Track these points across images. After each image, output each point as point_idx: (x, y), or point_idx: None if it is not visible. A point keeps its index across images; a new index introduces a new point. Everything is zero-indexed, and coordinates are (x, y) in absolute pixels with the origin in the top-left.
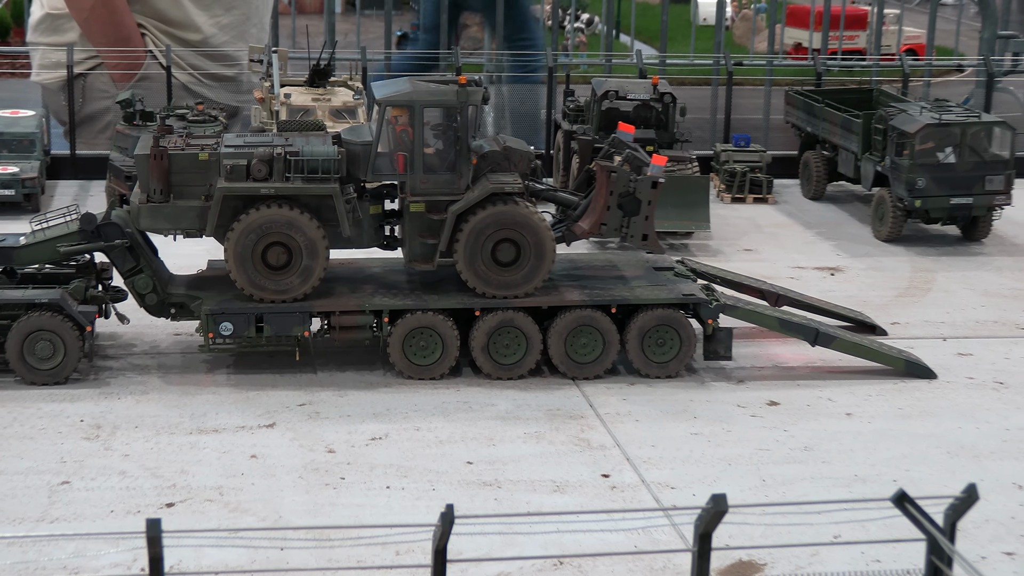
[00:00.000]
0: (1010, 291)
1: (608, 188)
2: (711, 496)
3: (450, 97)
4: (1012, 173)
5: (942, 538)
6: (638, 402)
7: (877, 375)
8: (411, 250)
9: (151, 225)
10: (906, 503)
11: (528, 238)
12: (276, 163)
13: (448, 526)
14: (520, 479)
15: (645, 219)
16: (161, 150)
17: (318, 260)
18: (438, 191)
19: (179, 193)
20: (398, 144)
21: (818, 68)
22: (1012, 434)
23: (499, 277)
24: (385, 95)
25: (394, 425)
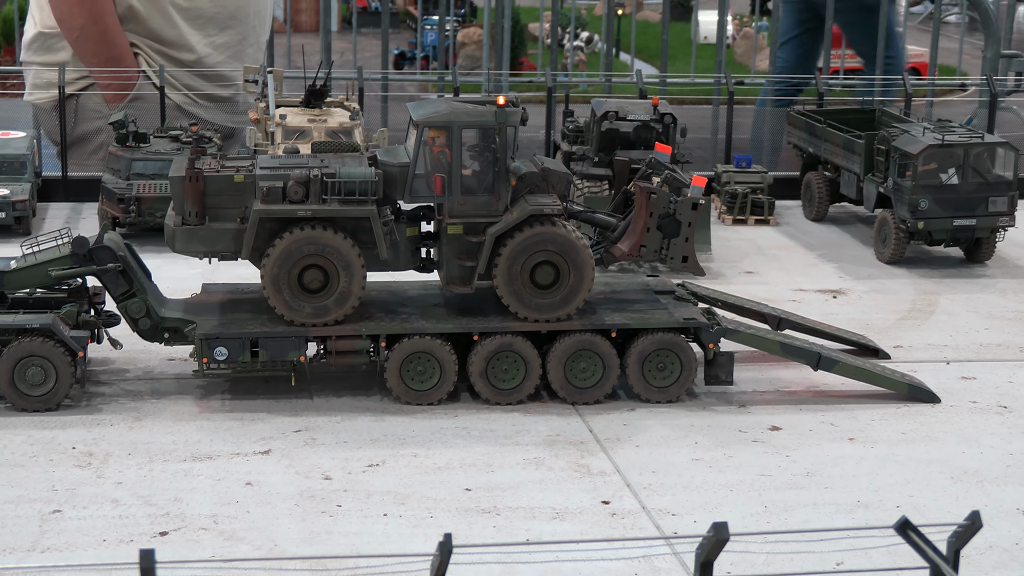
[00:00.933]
0: (1014, 314)
1: (648, 210)
2: (712, 524)
3: (488, 118)
4: (1015, 194)
5: (945, 566)
6: (639, 427)
7: (880, 399)
8: (448, 272)
9: (186, 248)
10: (909, 530)
11: (568, 260)
12: (313, 185)
13: (446, 555)
14: (519, 506)
15: (685, 241)
16: (196, 172)
17: (355, 282)
18: (476, 213)
19: (214, 216)
20: (435, 165)
21: (820, 88)
22: (1016, 459)
23: (538, 300)
24: (423, 116)
25: (391, 451)
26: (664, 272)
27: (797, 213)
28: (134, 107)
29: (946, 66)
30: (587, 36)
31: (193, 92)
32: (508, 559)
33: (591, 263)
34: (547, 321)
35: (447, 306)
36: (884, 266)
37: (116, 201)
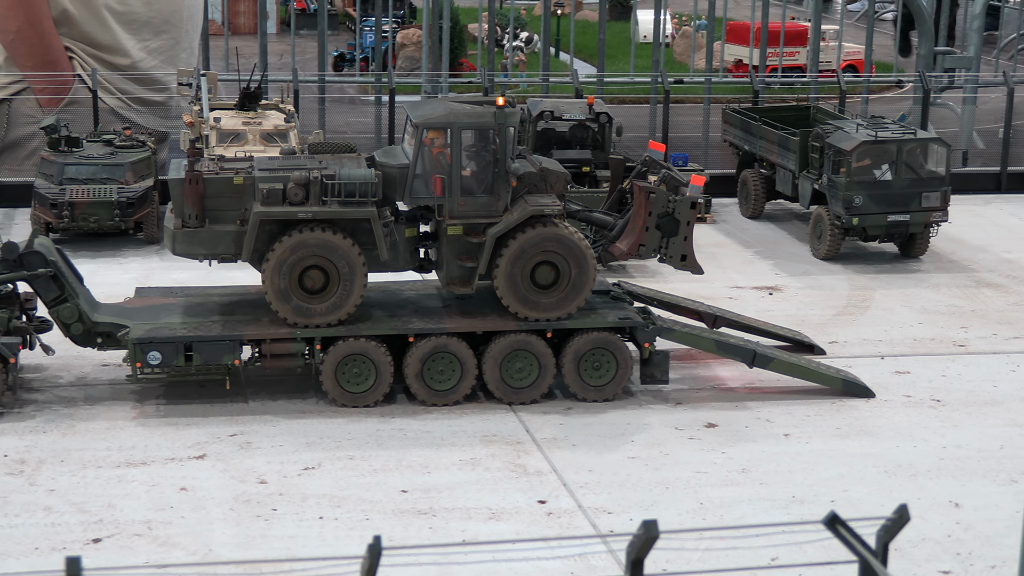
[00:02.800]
0: (947, 308)
1: (647, 208)
2: (642, 522)
3: (488, 119)
4: (948, 189)
5: (873, 560)
6: (575, 427)
7: (815, 395)
8: (448, 273)
9: (186, 251)
10: (838, 525)
11: (569, 260)
12: (313, 186)
13: (376, 558)
14: (455, 507)
15: (684, 239)
16: (196, 174)
17: (356, 283)
18: (476, 214)
19: (214, 218)
20: (435, 166)
21: (755, 86)
22: (949, 452)
23: (540, 299)
24: (422, 117)
25: (327, 454)
26: (602, 271)
27: (734, 211)
28: (69, 111)
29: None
30: (527, 36)
31: (127, 96)
32: (444, 560)
33: (593, 262)
34: (547, 320)
35: (383, 308)
36: (820, 262)
37: (49, 206)
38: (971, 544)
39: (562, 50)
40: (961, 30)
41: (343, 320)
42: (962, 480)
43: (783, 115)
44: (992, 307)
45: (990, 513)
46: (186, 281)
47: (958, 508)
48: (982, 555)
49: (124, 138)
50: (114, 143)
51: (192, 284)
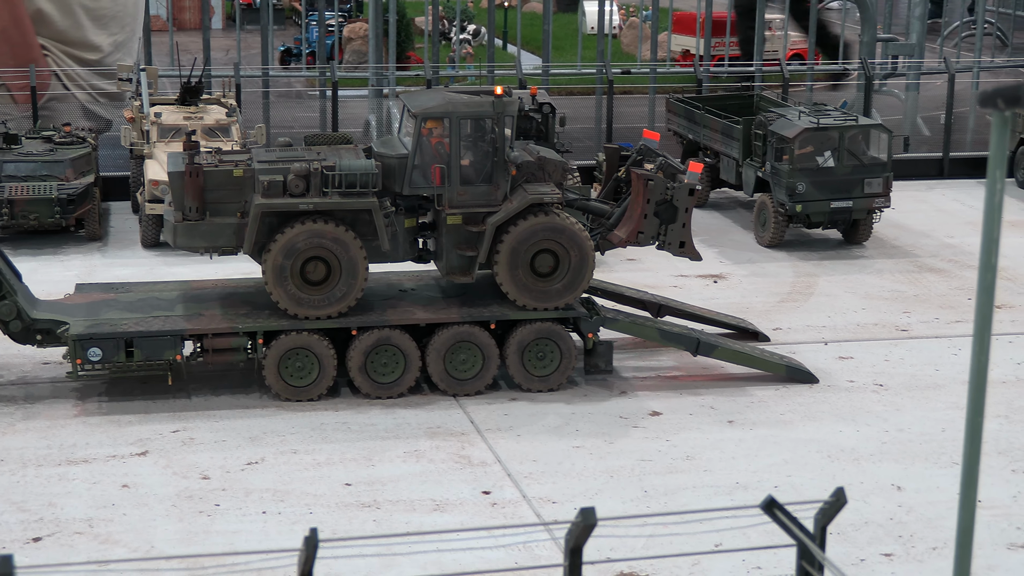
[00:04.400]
0: (890, 293)
1: (645, 196)
2: (580, 510)
3: (486, 108)
4: (890, 175)
5: (810, 543)
6: (519, 417)
7: (759, 381)
8: (448, 263)
9: (188, 244)
10: (775, 509)
11: (569, 248)
12: (313, 178)
13: (312, 550)
14: (399, 499)
15: (683, 226)
16: (196, 167)
17: (358, 274)
18: (475, 203)
19: (214, 211)
20: (433, 156)
21: (699, 75)
22: (891, 436)
23: (541, 287)
24: (421, 107)
25: (270, 449)
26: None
27: None
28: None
29: None
30: (474, 29)
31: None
32: (388, 551)
33: (592, 251)
34: (545, 309)
35: None
36: (764, 250)
37: None
38: (913, 526)
39: (510, 42)
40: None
41: (343, 313)
42: (904, 463)
43: (727, 104)
44: (934, 292)
45: (932, 496)
46: (128, 277)
47: (900, 491)
48: (924, 537)
49: (64, 135)
50: (54, 140)
51: (134, 280)
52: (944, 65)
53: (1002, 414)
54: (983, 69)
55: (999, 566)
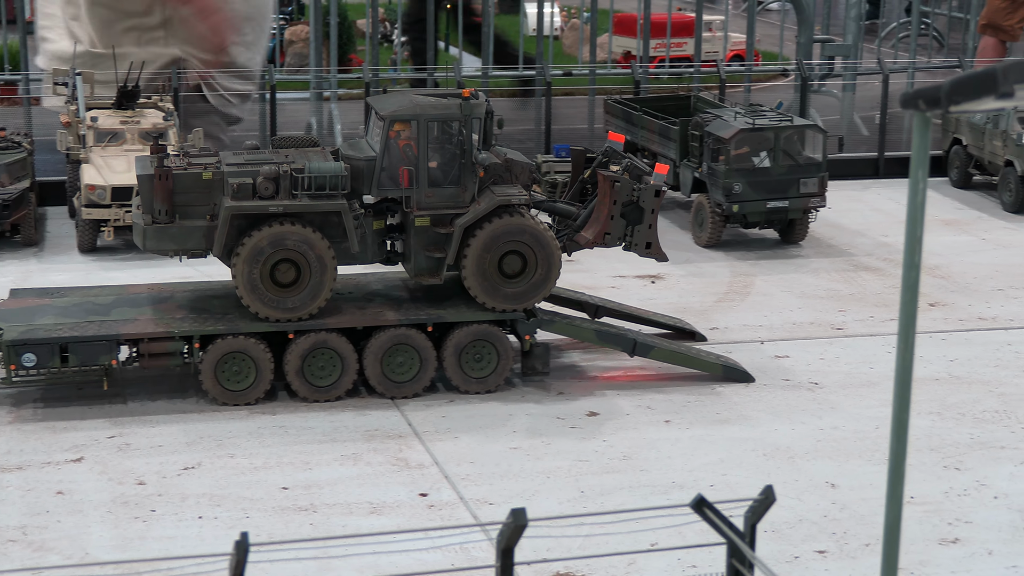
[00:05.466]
0: (826, 292)
1: (611, 197)
2: (511, 510)
3: (454, 110)
4: (825, 175)
5: (739, 541)
6: (457, 419)
7: (696, 381)
8: (417, 264)
9: (157, 247)
10: (705, 508)
11: (536, 250)
12: (282, 180)
13: (243, 554)
14: (336, 502)
15: (648, 227)
16: (165, 170)
17: (327, 276)
18: (443, 204)
19: (183, 213)
20: (401, 158)
21: (636, 76)
22: (826, 433)
23: (507, 289)
24: (389, 110)
25: (207, 453)
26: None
27: None
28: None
29: (769, 52)
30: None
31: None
32: (324, 555)
33: (559, 253)
34: (514, 311)
35: None
36: (701, 250)
37: None
38: (846, 523)
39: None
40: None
41: (313, 315)
42: (838, 461)
43: (664, 105)
44: (869, 290)
45: (865, 492)
46: (65, 282)
47: (834, 488)
48: (857, 534)
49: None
50: None
51: (70, 285)
52: (879, 66)
53: (935, 411)
54: (918, 69)
55: (931, 561)
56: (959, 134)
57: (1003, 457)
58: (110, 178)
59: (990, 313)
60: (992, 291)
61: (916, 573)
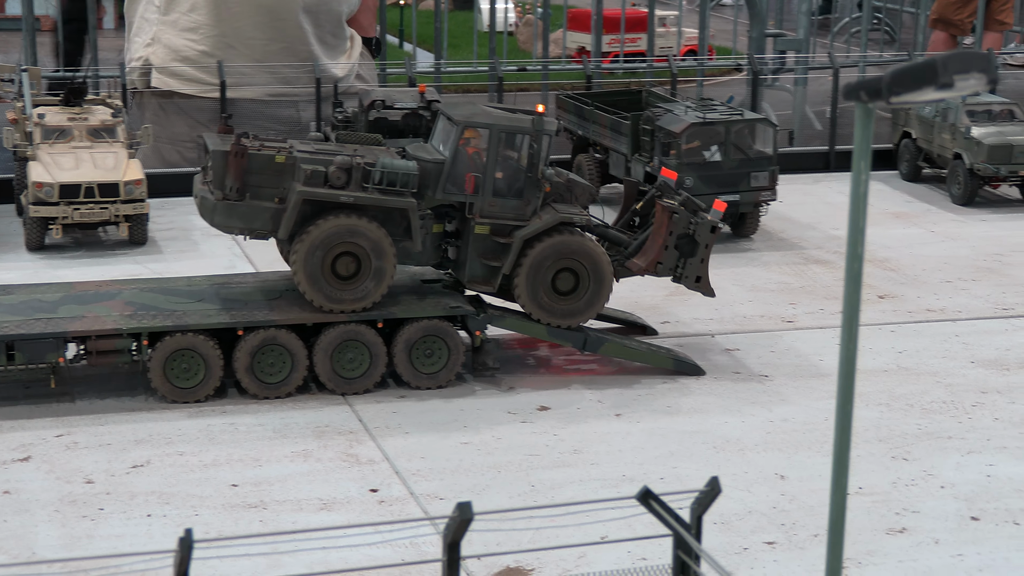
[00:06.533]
0: (776, 285)
1: (668, 228)
2: (456, 504)
3: (526, 125)
4: (776, 169)
5: (684, 532)
6: (408, 414)
7: (647, 375)
8: (471, 271)
9: (225, 223)
10: (651, 500)
11: (590, 269)
12: (355, 172)
13: (187, 550)
14: (286, 499)
15: (700, 262)
16: (242, 148)
17: (386, 273)
18: (505, 215)
19: (253, 193)
20: (469, 165)
21: (588, 71)
22: (776, 426)
23: (556, 305)
24: (464, 116)
25: (156, 451)
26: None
27: None
28: None
29: (723, 47)
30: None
31: None
32: (273, 551)
33: (611, 278)
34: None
35: (213, 301)
36: None
37: None
38: (795, 514)
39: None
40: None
41: (368, 308)
42: (788, 453)
43: (616, 100)
44: (820, 283)
45: (814, 484)
46: (12, 280)
47: (783, 480)
48: (805, 525)
49: None
50: None
51: (17, 283)
52: (830, 60)
53: (883, 402)
54: (869, 64)
55: (878, 551)
56: (908, 128)
57: (950, 447)
58: (58, 175)
59: (938, 305)
60: (940, 283)
61: (864, 563)
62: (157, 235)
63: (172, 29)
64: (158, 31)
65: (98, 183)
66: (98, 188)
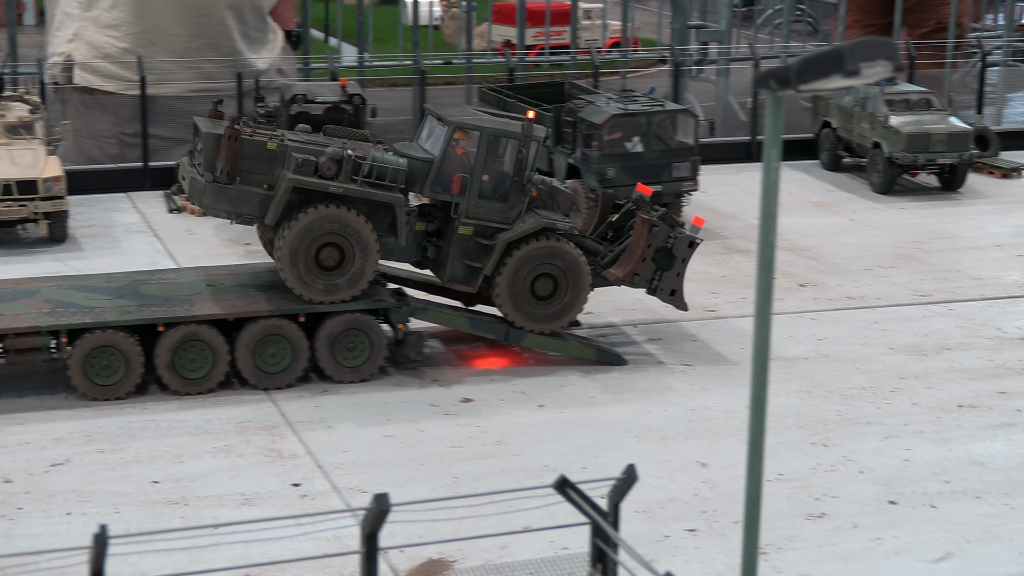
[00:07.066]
0: (698, 275)
1: (647, 240)
2: (373, 496)
3: (516, 130)
4: (698, 159)
5: (601, 520)
6: (331, 408)
7: (570, 365)
8: (452, 271)
9: (214, 205)
10: (567, 488)
11: (569, 276)
12: (345, 164)
13: (101, 547)
14: (208, 495)
15: (676, 275)
16: (235, 132)
17: (368, 266)
18: (489, 217)
19: (243, 179)
20: (457, 166)
21: (510, 64)
22: (697, 414)
23: (533, 309)
24: (455, 117)
25: (76, 449)
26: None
27: None
28: None
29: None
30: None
31: None
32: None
33: (588, 286)
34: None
35: (132, 297)
36: None
37: None
38: (716, 502)
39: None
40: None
41: (345, 300)
42: (709, 441)
43: (539, 92)
44: (742, 272)
45: (735, 471)
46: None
47: (705, 468)
48: (726, 511)
49: None
50: None
51: None
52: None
53: (804, 389)
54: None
55: (798, 536)
56: (829, 117)
57: (869, 433)
58: None
59: (858, 292)
60: (860, 271)
61: (784, 548)
62: (78, 232)
63: (94, 25)
64: (80, 27)
65: (16, 180)
66: (16, 185)
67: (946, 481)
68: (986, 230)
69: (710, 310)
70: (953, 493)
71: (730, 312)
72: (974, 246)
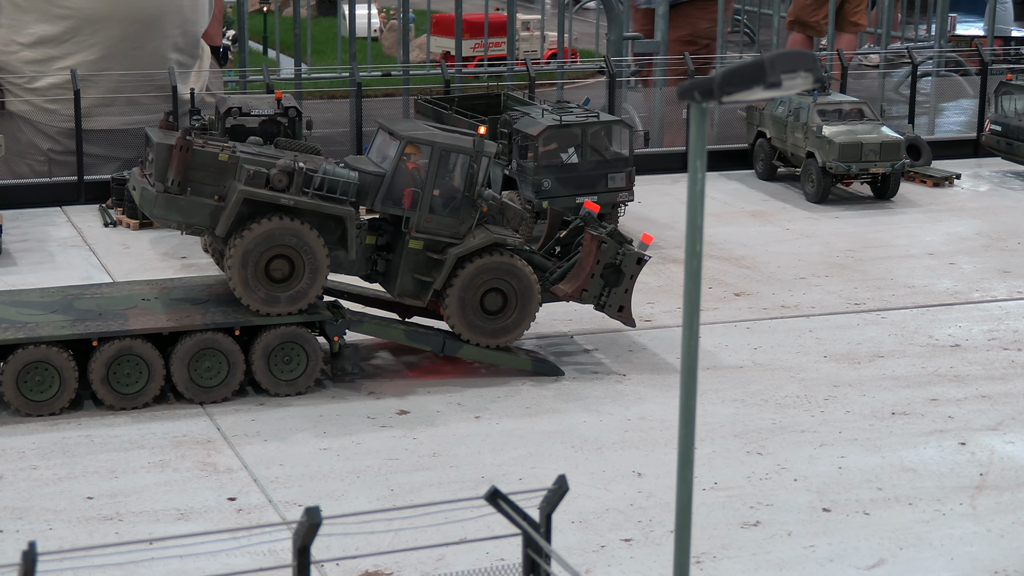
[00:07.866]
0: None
1: (596, 257)
2: (305, 509)
3: (467, 145)
4: (633, 170)
5: (532, 531)
6: (267, 421)
7: (506, 377)
8: (402, 285)
9: (164, 215)
10: (499, 499)
11: (519, 291)
12: (296, 177)
13: (31, 564)
14: (143, 510)
15: (624, 292)
16: (188, 143)
17: (317, 280)
18: (440, 232)
19: (194, 189)
20: (407, 180)
21: (446, 75)
22: (633, 424)
23: (481, 323)
24: (407, 131)
25: (9, 466)
26: None
27: None
28: None
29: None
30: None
31: None
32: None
33: (537, 303)
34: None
35: (66, 312)
36: None
37: None
38: (652, 511)
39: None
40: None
41: (291, 313)
42: (645, 450)
43: (475, 103)
44: (677, 282)
45: (670, 480)
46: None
47: (640, 477)
48: (662, 521)
49: None
50: None
51: None
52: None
53: (739, 398)
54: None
55: (732, 544)
56: (763, 127)
57: (803, 440)
58: None
59: (793, 301)
60: (795, 280)
61: (719, 556)
62: (12, 247)
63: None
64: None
65: None
66: None
67: (879, 488)
68: (918, 238)
69: (646, 320)
70: (886, 500)
71: (666, 322)
72: (907, 254)
